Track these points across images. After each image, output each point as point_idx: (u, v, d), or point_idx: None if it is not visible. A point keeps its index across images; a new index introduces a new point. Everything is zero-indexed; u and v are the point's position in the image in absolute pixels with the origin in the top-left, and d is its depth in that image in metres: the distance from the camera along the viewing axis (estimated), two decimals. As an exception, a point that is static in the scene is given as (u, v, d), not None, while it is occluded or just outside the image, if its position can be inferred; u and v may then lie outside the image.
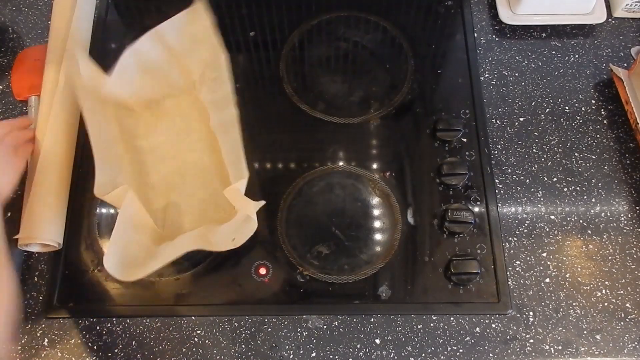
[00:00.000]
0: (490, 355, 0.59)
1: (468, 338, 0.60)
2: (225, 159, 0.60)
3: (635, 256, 0.64)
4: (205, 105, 0.64)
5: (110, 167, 0.60)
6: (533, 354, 0.59)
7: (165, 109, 0.69)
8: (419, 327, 0.61)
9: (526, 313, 0.61)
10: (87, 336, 0.60)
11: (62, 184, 0.65)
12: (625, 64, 0.74)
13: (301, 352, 0.60)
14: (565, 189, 0.68)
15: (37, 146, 0.66)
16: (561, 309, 0.61)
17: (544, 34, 0.77)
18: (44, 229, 0.61)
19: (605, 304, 0.62)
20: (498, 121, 0.71)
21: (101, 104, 0.63)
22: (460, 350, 0.60)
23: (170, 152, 0.67)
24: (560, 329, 0.60)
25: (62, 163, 0.66)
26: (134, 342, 0.60)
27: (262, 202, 0.57)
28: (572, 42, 0.77)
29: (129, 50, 0.63)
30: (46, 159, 0.64)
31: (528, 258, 0.64)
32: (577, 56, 0.76)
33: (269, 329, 0.61)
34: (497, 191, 0.67)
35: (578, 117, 0.72)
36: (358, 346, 0.60)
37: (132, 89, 0.65)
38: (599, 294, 0.62)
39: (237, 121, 0.61)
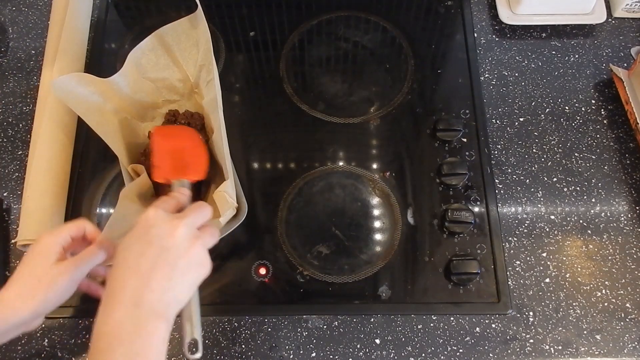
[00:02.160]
0: (490, 355, 0.59)
1: (468, 338, 0.60)
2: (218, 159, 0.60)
3: (635, 256, 0.64)
4: (206, 109, 0.64)
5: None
6: (533, 354, 0.59)
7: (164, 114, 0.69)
8: (419, 327, 0.61)
9: (526, 313, 0.61)
10: (87, 336, 0.60)
11: (59, 184, 0.65)
12: (625, 64, 0.74)
13: (301, 352, 0.60)
14: (565, 189, 0.68)
15: (32, 146, 0.66)
16: (561, 309, 0.61)
17: (544, 34, 0.77)
18: (41, 229, 0.61)
19: (605, 304, 0.62)
20: (498, 121, 0.71)
21: (102, 117, 0.63)
22: (460, 350, 0.59)
23: None
24: (560, 329, 0.60)
25: (58, 163, 0.66)
26: (134, 342, 0.60)
27: (233, 213, 0.58)
28: (572, 42, 0.77)
29: (131, 53, 0.63)
30: (42, 159, 0.64)
31: (528, 258, 0.64)
32: (577, 56, 0.76)
33: (269, 329, 0.61)
34: (497, 191, 0.67)
35: (578, 117, 0.72)
36: (358, 346, 0.60)
37: (133, 93, 0.65)
38: (599, 294, 0.62)
39: (223, 124, 0.60)
